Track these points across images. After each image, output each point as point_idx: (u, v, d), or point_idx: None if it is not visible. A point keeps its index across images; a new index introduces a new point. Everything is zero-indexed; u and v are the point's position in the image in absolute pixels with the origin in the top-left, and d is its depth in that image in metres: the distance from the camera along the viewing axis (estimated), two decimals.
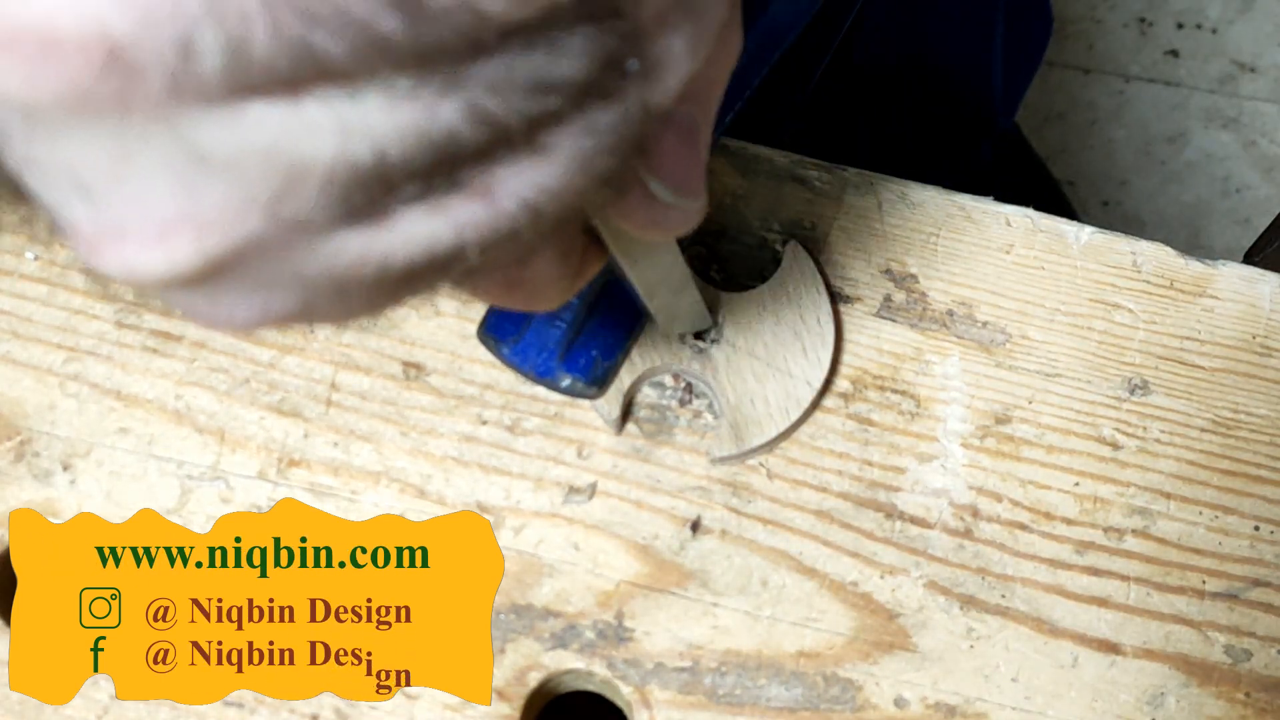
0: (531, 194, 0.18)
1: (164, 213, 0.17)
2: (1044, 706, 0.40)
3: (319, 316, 0.20)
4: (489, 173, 0.18)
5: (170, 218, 0.17)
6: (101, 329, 0.41)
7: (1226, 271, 0.44)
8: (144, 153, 0.16)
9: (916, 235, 0.44)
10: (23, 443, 0.40)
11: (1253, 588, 0.41)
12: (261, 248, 0.17)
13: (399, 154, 0.16)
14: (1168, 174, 1.24)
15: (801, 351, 0.41)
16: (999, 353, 0.43)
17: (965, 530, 0.41)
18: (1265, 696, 0.40)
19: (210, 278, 0.18)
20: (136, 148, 0.16)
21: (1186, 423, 0.43)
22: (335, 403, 0.41)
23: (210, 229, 0.17)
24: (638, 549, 0.40)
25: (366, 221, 0.18)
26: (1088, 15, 1.28)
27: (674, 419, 0.41)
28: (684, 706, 0.39)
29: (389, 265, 0.18)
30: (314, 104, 0.16)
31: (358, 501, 0.40)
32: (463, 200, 0.18)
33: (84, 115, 0.16)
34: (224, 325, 0.20)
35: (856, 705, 0.39)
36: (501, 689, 0.39)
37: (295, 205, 0.17)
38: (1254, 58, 1.27)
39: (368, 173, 0.17)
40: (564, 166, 0.18)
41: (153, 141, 0.16)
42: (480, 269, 0.20)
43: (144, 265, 0.17)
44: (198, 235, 0.17)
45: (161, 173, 0.16)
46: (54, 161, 0.17)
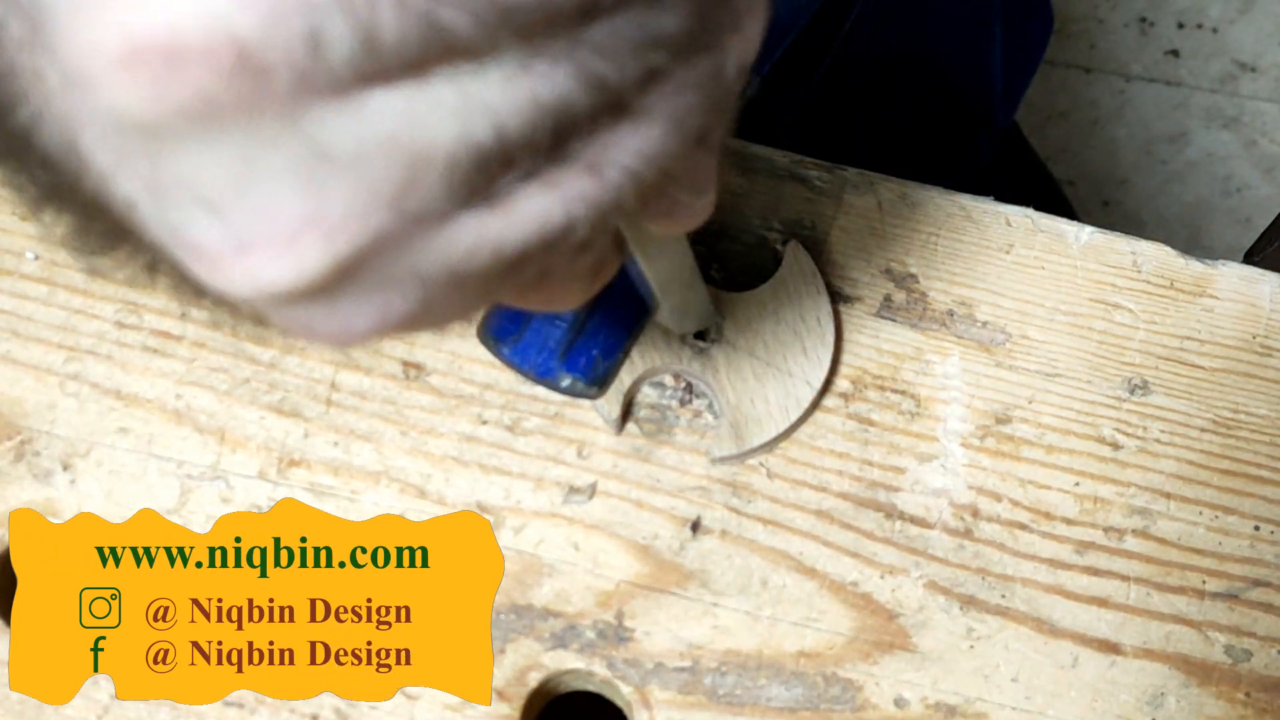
0: (634, 161, 0.18)
1: (290, 218, 0.16)
2: (1044, 706, 0.40)
3: (432, 317, 0.19)
4: (595, 142, 0.17)
5: (296, 223, 0.16)
6: (101, 329, 0.41)
7: (1226, 271, 0.44)
8: (268, 157, 0.16)
9: (916, 235, 0.44)
10: (23, 442, 0.40)
11: (1253, 588, 0.41)
12: (386, 244, 0.17)
13: (517, 129, 0.16)
14: (1168, 174, 1.24)
15: (801, 351, 0.41)
16: (999, 353, 0.43)
17: (965, 530, 0.41)
18: (1265, 696, 0.40)
19: (335, 284, 0.17)
20: (261, 153, 0.16)
21: (1186, 423, 0.43)
22: (335, 402, 0.41)
23: (337, 231, 0.16)
24: (638, 549, 0.40)
25: (482, 205, 0.17)
26: (1089, 14, 1.28)
27: (674, 419, 0.41)
28: (684, 706, 0.39)
29: (502, 250, 0.18)
30: (436, 85, 0.15)
31: (358, 501, 0.40)
32: (572, 173, 0.17)
33: (211, 125, 0.15)
34: (341, 338, 0.19)
35: (856, 705, 0.39)
36: (501, 689, 0.39)
37: (419, 195, 0.16)
38: (1255, 57, 1.27)
39: (487, 152, 0.16)
40: (663, 129, 0.18)
41: (276, 144, 0.15)
42: (546, 259, 0.19)
43: (272, 277, 0.17)
44: (325, 238, 0.16)
45: (285, 177, 0.16)
46: (175, 180, 0.16)
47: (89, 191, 0.17)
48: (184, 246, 0.17)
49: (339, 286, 0.17)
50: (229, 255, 0.17)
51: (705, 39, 0.17)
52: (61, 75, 0.16)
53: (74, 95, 0.16)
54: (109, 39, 0.14)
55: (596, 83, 0.16)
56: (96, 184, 0.17)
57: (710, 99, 0.18)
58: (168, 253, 0.18)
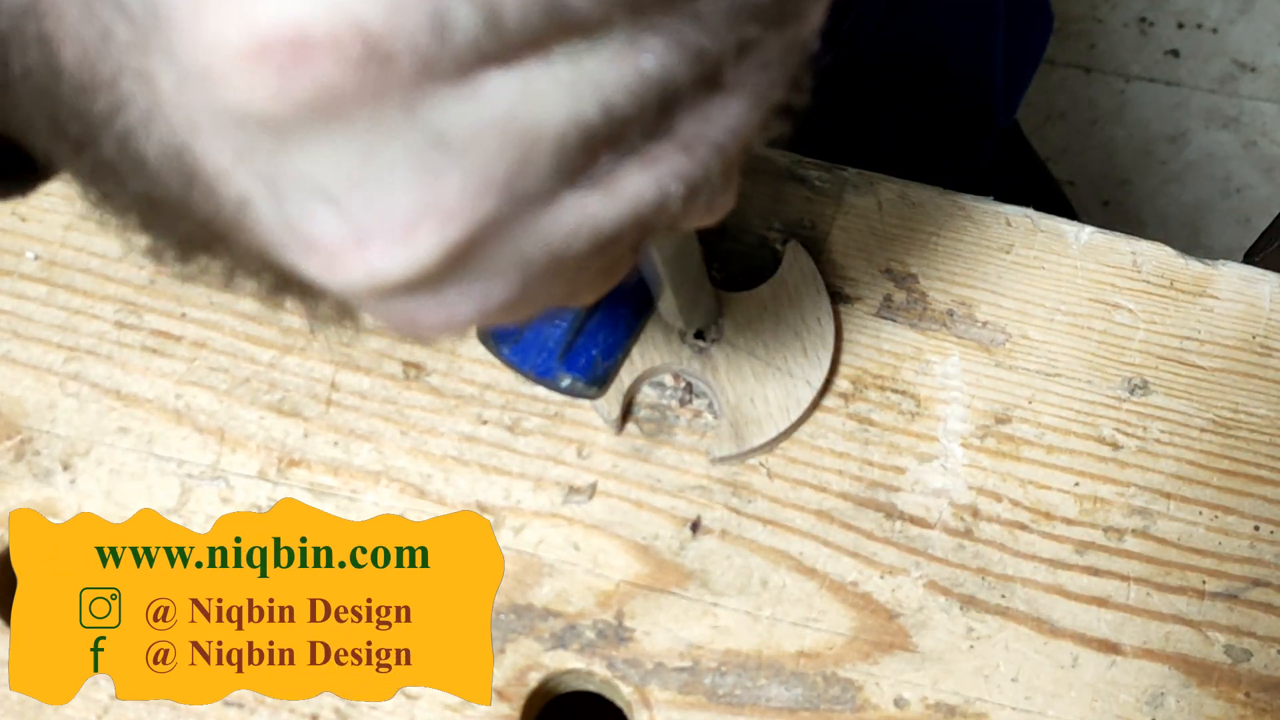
0: (723, 136, 0.18)
1: (407, 208, 0.16)
2: (1044, 706, 0.40)
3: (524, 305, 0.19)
4: (691, 117, 0.17)
5: (414, 212, 0.16)
6: (101, 329, 0.41)
7: (1226, 271, 0.44)
8: (387, 147, 0.16)
9: (916, 235, 0.44)
10: (23, 442, 0.40)
11: (1253, 588, 0.41)
12: (496, 229, 0.17)
13: (623, 106, 0.16)
14: (1168, 174, 1.24)
15: (801, 351, 0.41)
16: (999, 353, 0.43)
17: (965, 530, 0.41)
18: (1265, 696, 0.40)
19: (446, 272, 0.17)
20: (380, 143, 0.16)
21: (1186, 423, 0.43)
22: (335, 402, 0.41)
23: (451, 218, 0.16)
24: (638, 549, 0.40)
25: (584, 185, 0.17)
26: (1088, 14, 1.28)
27: (674, 419, 0.41)
28: (684, 706, 0.39)
29: (601, 230, 0.18)
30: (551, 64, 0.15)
31: (358, 501, 0.40)
32: (667, 150, 0.17)
33: (334, 117, 0.15)
34: (443, 328, 0.19)
35: (856, 705, 0.39)
36: (501, 689, 0.39)
37: (529, 177, 0.16)
38: (1254, 57, 1.27)
39: (594, 130, 0.16)
40: (748, 103, 0.18)
41: (396, 133, 0.15)
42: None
43: (389, 268, 0.17)
44: (440, 226, 0.16)
45: (403, 165, 0.16)
46: (295, 174, 0.16)
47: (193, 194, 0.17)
48: (299, 242, 0.17)
49: (448, 275, 0.17)
50: (347, 248, 0.17)
51: (793, 7, 0.17)
52: (179, 75, 0.16)
53: (192, 94, 0.16)
54: (233, 34, 0.14)
55: (697, 56, 0.16)
56: (206, 185, 0.17)
57: (788, 73, 0.18)
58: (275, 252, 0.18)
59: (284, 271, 0.18)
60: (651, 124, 0.17)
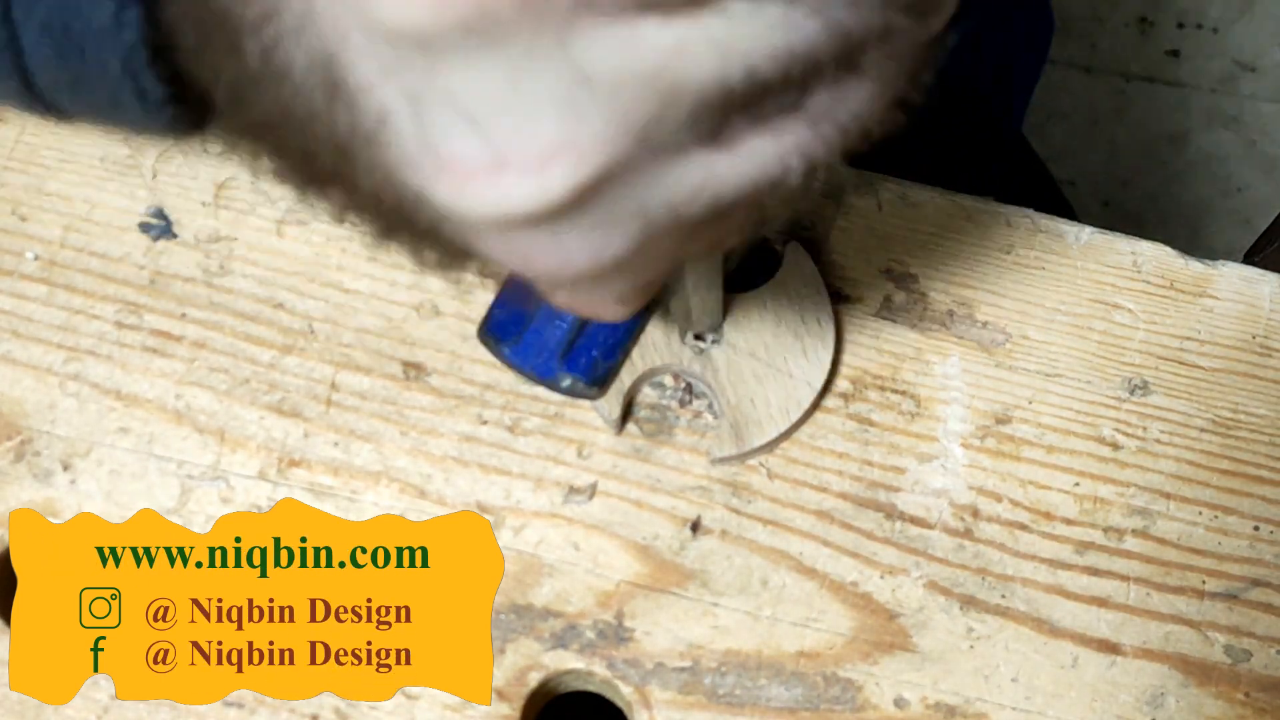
0: (848, 118, 0.18)
1: (545, 140, 0.16)
2: (1044, 706, 0.40)
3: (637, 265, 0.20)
4: (823, 94, 0.18)
5: (550, 145, 0.16)
6: (101, 329, 0.41)
7: (1226, 271, 0.44)
8: (535, 76, 0.16)
9: (916, 235, 0.44)
10: (23, 442, 0.40)
11: (1252, 588, 0.41)
12: (625, 174, 0.17)
13: (766, 72, 0.16)
14: (1168, 174, 1.24)
15: (802, 352, 0.41)
16: (999, 353, 0.43)
17: (965, 530, 0.41)
18: (1265, 696, 0.40)
19: (571, 211, 0.17)
20: (528, 73, 0.16)
21: (1186, 423, 0.43)
22: (335, 403, 0.41)
23: (586, 156, 0.17)
24: (638, 549, 0.40)
25: (713, 145, 0.17)
26: (1089, 14, 1.28)
27: (674, 419, 0.41)
28: (684, 706, 0.39)
29: (722, 194, 0.18)
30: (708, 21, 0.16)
31: (358, 501, 0.40)
32: (795, 123, 0.18)
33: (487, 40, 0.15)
34: (556, 272, 0.19)
35: (856, 705, 0.39)
36: (501, 689, 0.39)
37: (665, 128, 0.17)
38: (1255, 57, 1.27)
39: (734, 92, 0.16)
40: (876, 89, 0.18)
41: (544, 65, 0.16)
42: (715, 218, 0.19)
43: (518, 196, 0.17)
44: (574, 162, 0.17)
45: (548, 98, 0.16)
46: (441, 92, 0.16)
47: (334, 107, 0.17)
48: (435, 160, 0.17)
49: (572, 214, 0.18)
50: (482, 171, 0.17)
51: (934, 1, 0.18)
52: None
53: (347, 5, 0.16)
54: None
55: (842, 35, 0.16)
56: (349, 98, 0.17)
57: (915, 65, 0.18)
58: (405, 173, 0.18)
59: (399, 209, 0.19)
60: (787, 95, 0.17)
